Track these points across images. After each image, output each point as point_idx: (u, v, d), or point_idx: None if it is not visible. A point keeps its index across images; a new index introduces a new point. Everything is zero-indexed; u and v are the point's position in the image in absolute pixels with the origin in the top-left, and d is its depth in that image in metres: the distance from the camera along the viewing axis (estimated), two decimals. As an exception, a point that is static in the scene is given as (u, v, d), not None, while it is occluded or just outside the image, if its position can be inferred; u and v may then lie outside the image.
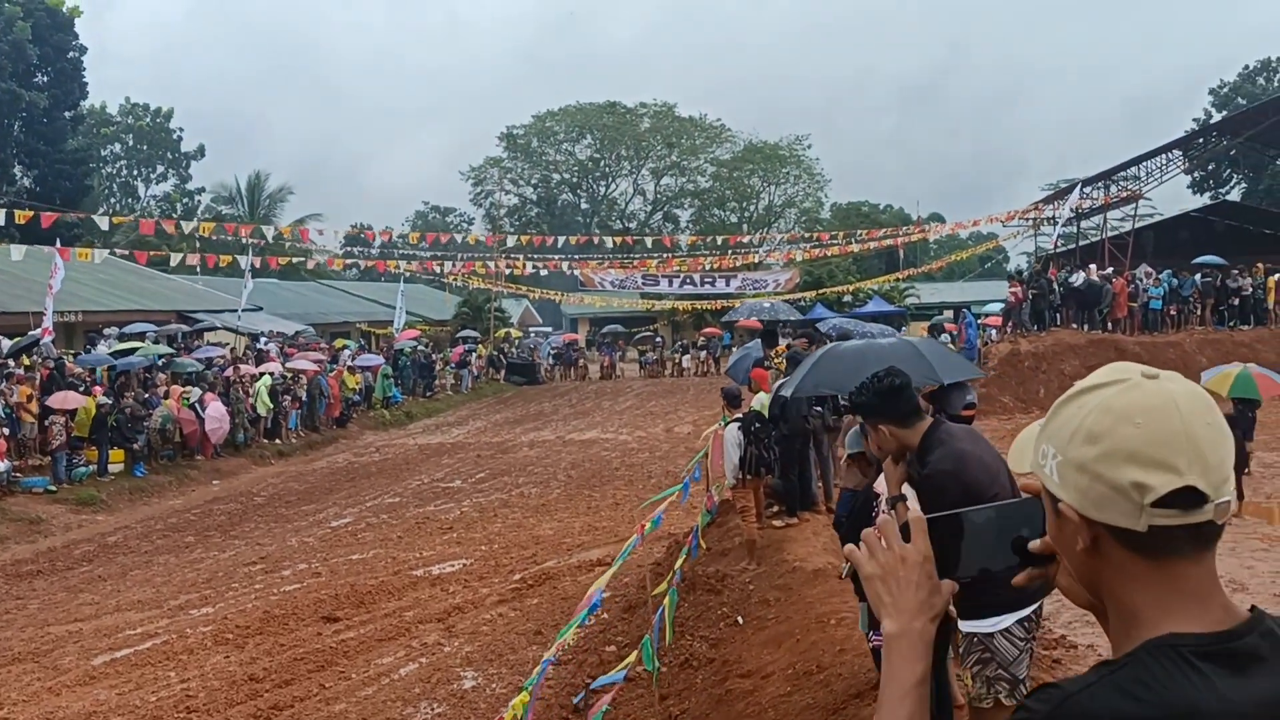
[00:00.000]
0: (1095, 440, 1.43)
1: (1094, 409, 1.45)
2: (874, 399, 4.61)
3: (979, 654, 4.56)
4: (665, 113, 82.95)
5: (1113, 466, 1.41)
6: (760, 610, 9.45)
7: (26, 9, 54.94)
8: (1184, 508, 1.38)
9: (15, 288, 31.45)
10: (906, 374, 4.79)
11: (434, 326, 53.96)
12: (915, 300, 60.11)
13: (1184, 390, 1.45)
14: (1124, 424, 1.41)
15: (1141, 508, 1.39)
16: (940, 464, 4.37)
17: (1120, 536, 1.42)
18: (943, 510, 1.68)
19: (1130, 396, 1.44)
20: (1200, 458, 1.39)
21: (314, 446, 29.07)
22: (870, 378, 4.75)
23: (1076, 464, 1.44)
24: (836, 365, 8.86)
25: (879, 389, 4.63)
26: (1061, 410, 1.51)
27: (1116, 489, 1.40)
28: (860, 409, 4.64)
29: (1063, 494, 1.47)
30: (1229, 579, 10.55)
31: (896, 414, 4.58)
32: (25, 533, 18.26)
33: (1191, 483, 1.37)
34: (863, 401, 4.65)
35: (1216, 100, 72.99)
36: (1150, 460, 1.39)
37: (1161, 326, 30.86)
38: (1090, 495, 1.43)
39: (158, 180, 79.34)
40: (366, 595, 12.97)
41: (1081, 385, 1.51)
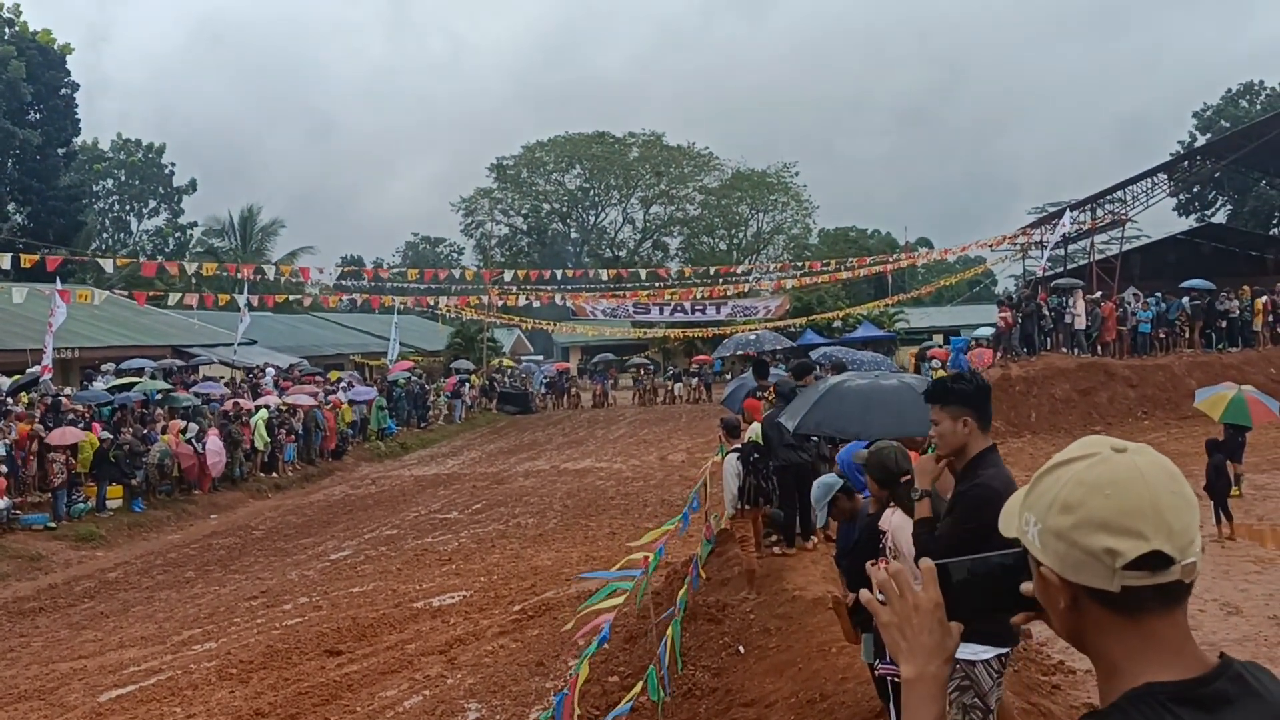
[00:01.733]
0: (1070, 510, 1.59)
1: (1068, 481, 1.61)
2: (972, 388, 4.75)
3: (959, 680, 4.68)
4: (654, 142, 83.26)
5: (1086, 534, 1.56)
6: (761, 639, 9.56)
7: (18, 46, 55.20)
8: (1152, 569, 1.53)
9: (13, 325, 31.54)
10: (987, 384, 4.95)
11: (427, 357, 54.07)
12: (904, 325, 60.35)
13: (1150, 462, 1.61)
14: (1095, 495, 1.57)
15: (1114, 571, 1.54)
16: (993, 481, 4.49)
17: (1096, 596, 1.58)
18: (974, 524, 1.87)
19: (1100, 470, 1.60)
20: (1165, 525, 1.54)
21: (310, 479, 29.13)
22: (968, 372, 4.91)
23: (1054, 532, 1.60)
24: (839, 406, 8.97)
25: (977, 383, 4.80)
26: (1040, 482, 1.67)
27: (1091, 554, 1.56)
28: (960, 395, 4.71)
29: (1044, 559, 1.63)
30: (1223, 601, 10.71)
31: (984, 414, 4.73)
32: (26, 570, 18.31)
33: (1158, 547, 1.53)
34: (961, 389, 4.76)
35: (1200, 123, 73.51)
36: (1120, 528, 1.54)
37: (1150, 349, 31.07)
38: (1068, 560, 1.59)
39: (150, 215, 79.47)
40: (368, 628, 13.02)
41: (1058, 459, 1.67)
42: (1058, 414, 27.58)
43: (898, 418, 8.31)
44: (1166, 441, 24.36)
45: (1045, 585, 1.65)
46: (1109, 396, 28.13)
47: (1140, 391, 28.26)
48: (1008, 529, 1.74)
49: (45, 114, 57.38)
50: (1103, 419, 27.35)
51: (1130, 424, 27.04)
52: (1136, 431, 26.23)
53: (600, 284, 54.15)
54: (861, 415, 8.68)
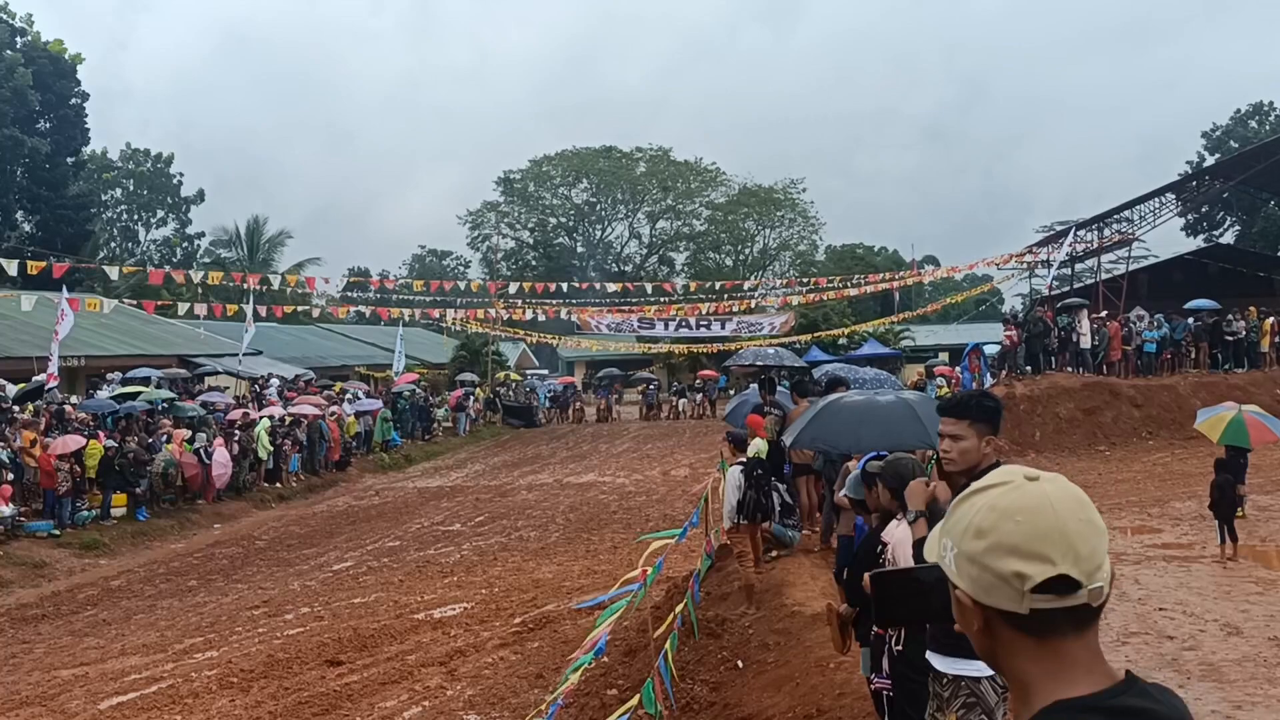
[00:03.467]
0: (983, 535, 1.64)
1: (981, 508, 1.67)
2: (980, 402, 4.77)
3: (965, 698, 4.65)
4: (661, 157, 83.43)
5: (997, 558, 1.62)
6: (760, 654, 9.58)
7: (28, 56, 55.55)
8: (1059, 593, 1.59)
9: (21, 333, 31.68)
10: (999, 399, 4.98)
11: (432, 370, 54.15)
12: (910, 342, 60.36)
13: (1060, 491, 1.66)
14: (1006, 521, 1.63)
15: (1023, 594, 1.60)
16: None
17: (1008, 618, 1.63)
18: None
19: (1011, 497, 1.65)
20: (1072, 550, 1.59)
21: (314, 490, 29.19)
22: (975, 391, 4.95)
23: (968, 556, 1.66)
24: (833, 421, 9.05)
25: (987, 399, 4.83)
26: (957, 509, 1.72)
27: (1001, 577, 1.61)
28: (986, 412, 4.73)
29: (959, 582, 1.69)
30: (1224, 622, 10.69)
31: (991, 424, 4.71)
32: (30, 577, 18.35)
33: (1064, 572, 1.58)
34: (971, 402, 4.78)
35: (1209, 144, 73.58)
36: (1028, 553, 1.60)
37: (1156, 369, 31.03)
38: (980, 583, 1.64)
39: (158, 224, 79.69)
40: (369, 639, 13.05)
41: (974, 486, 1.72)
42: (1062, 433, 27.54)
43: (889, 432, 8.36)
44: (1171, 462, 24.37)
45: (961, 608, 1.71)
46: (1114, 416, 28.09)
47: (1145, 411, 28.21)
48: (930, 554, 1.81)
49: (55, 123, 57.71)
50: (1107, 439, 27.33)
51: (1135, 444, 27.02)
52: (1141, 451, 26.24)
53: (606, 298, 54.25)
54: (855, 430, 8.75)
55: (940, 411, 4.95)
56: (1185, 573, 13.34)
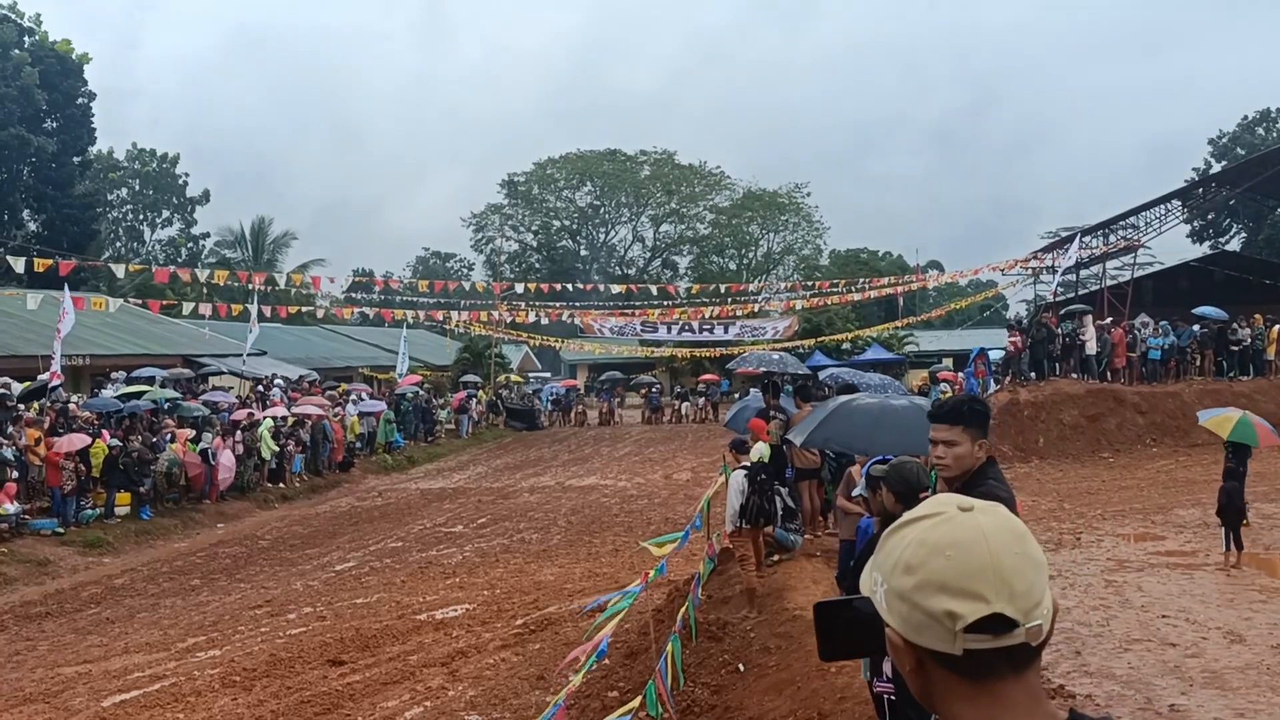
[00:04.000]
0: (912, 571, 1.53)
1: (911, 542, 1.56)
2: (970, 408, 4.86)
3: None
4: (665, 160, 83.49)
5: (927, 596, 1.51)
6: (761, 658, 9.58)
7: (35, 55, 55.63)
8: (994, 632, 1.48)
9: (26, 331, 31.74)
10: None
11: (435, 372, 54.17)
12: (914, 348, 60.34)
13: (994, 523, 1.55)
14: (936, 556, 1.52)
15: (955, 633, 1.49)
16: (997, 490, 4.56)
17: (940, 659, 1.53)
18: None
19: (942, 530, 1.55)
20: (1007, 586, 1.49)
21: (317, 490, 29.22)
22: (963, 395, 5.00)
23: (897, 593, 1.55)
24: (847, 422, 9.05)
25: (974, 403, 4.93)
26: (887, 541, 1.62)
27: (932, 616, 1.50)
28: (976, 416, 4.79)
29: (889, 619, 1.58)
30: (1227, 629, 10.69)
31: (981, 429, 4.79)
32: (34, 574, 18.40)
33: (999, 610, 1.48)
34: (960, 408, 4.85)
35: (1216, 150, 73.58)
36: (959, 590, 1.49)
37: (1161, 377, 31.01)
38: (910, 621, 1.53)
39: (163, 225, 79.91)
40: (371, 639, 13.06)
41: (904, 518, 1.62)
42: (1066, 440, 27.55)
43: (905, 436, 8.37)
44: (1175, 469, 24.38)
45: (893, 647, 1.60)
46: (1118, 423, 28.09)
47: (1149, 419, 28.22)
48: (863, 587, 1.68)
49: (61, 122, 57.76)
50: (1111, 445, 27.33)
51: (1139, 451, 27.03)
52: (1145, 458, 26.25)
53: (609, 301, 54.28)
54: (870, 432, 8.76)
55: (932, 418, 4.97)
56: (1188, 580, 13.34)
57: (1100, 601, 12.19)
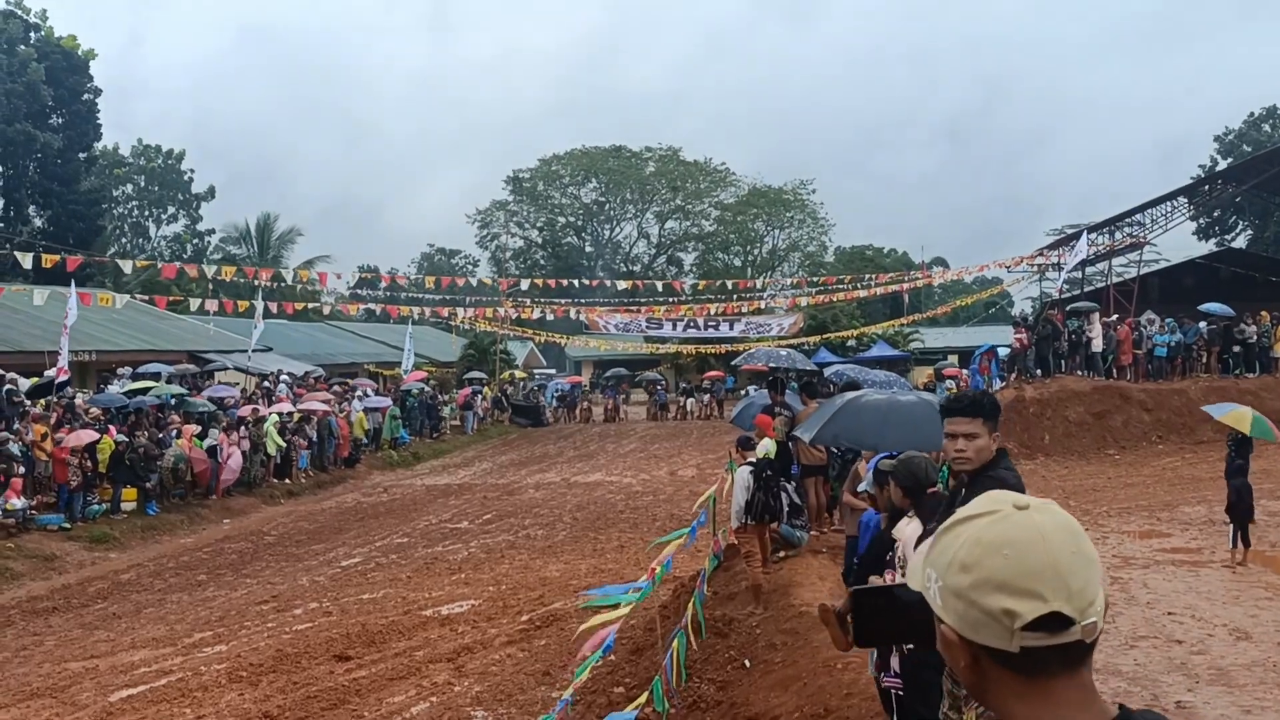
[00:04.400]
0: (968, 570, 1.55)
1: (967, 540, 1.58)
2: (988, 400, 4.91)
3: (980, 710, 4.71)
4: (670, 157, 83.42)
5: (984, 594, 1.53)
6: (767, 654, 9.59)
7: (41, 51, 55.70)
8: (1051, 630, 1.50)
9: (32, 326, 31.79)
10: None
11: (440, 368, 54.20)
12: (920, 345, 60.27)
13: (1052, 521, 1.57)
14: (993, 555, 1.54)
15: (1012, 631, 1.51)
16: (1007, 477, 4.59)
17: (996, 656, 1.55)
18: None
19: (999, 528, 1.56)
20: (1064, 585, 1.51)
21: (323, 486, 29.27)
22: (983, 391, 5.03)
23: (954, 590, 1.57)
24: (857, 419, 9.06)
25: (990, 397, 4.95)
26: (941, 539, 1.63)
27: (989, 614, 1.52)
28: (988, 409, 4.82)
29: (944, 616, 1.59)
30: (1233, 626, 10.69)
31: (999, 421, 4.84)
32: (40, 570, 18.45)
33: (1056, 609, 1.49)
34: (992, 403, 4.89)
35: (1222, 147, 73.42)
36: (1018, 589, 1.51)
37: (1167, 374, 30.95)
38: (967, 619, 1.55)
39: (168, 221, 80.00)
40: (377, 634, 13.08)
41: (959, 515, 1.63)
42: (1071, 437, 27.52)
43: (913, 432, 8.38)
44: (1181, 466, 24.36)
45: (947, 643, 1.62)
46: (1123, 420, 28.06)
47: (1155, 416, 28.18)
48: (914, 583, 1.71)
49: (67, 118, 57.81)
50: (1117, 443, 27.30)
51: (1144, 448, 27.00)
52: (1151, 455, 26.22)
53: (614, 297, 54.27)
54: (879, 428, 8.77)
55: (950, 412, 4.97)
56: (1194, 577, 13.34)
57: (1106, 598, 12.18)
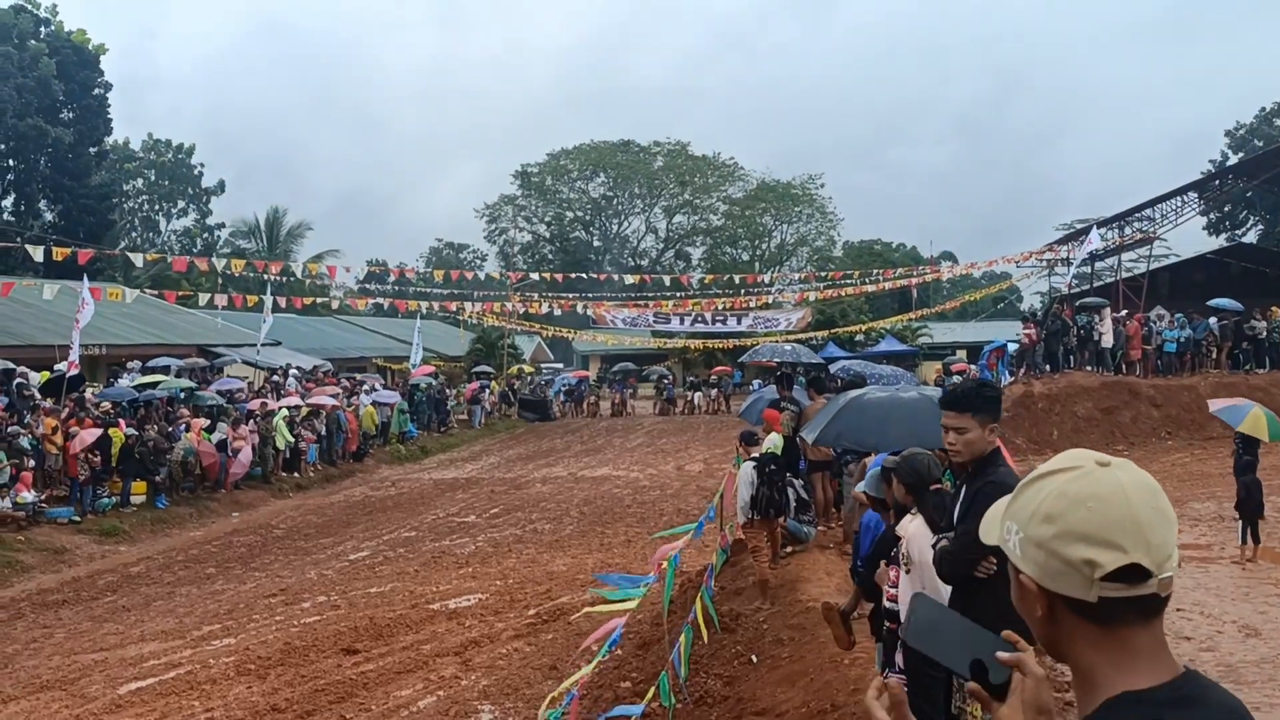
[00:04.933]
0: (1052, 521, 1.63)
1: (1051, 493, 1.65)
2: (978, 392, 4.88)
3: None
4: (678, 151, 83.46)
5: (1067, 545, 1.60)
6: (774, 649, 9.59)
7: (52, 46, 55.84)
8: (1130, 582, 1.58)
9: (43, 320, 31.90)
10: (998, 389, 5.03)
11: (448, 362, 54.26)
12: (928, 339, 60.18)
13: (1132, 479, 1.65)
14: (1077, 508, 1.62)
15: (1092, 581, 1.59)
16: (1007, 477, 4.58)
17: (1074, 606, 1.62)
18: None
19: (1083, 483, 1.64)
20: (1144, 539, 1.59)
21: (331, 480, 29.33)
22: (973, 381, 4.99)
23: (1035, 541, 1.64)
24: (859, 418, 9.05)
25: (983, 389, 4.93)
26: (1024, 491, 1.70)
27: (1070, 564, 1.60)
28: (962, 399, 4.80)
29: (1024, 566, 1.67)
30: (1243, 623, 10.67)
31: (990, 414, 4.82)
32: (50, 563, 18.52)
33: (1136, 560, 1.57)
34: (968, 392, 4.88)
35: (1233, 142, 73.13)
36: (1100, 540, 1.59)
37: (1177, 370, 30.86)
38: (1047, 569, 1.63)
39: (178, 215, 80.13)
40: (385, 628, 13.11)
41: (1042, 469, 1.71)
42: (1080, 432, 27.43)
43: (916, 429, 8.35)
44: (1190, 462, 24.27)
45: (1024, 593, 1.69)
46: (1132, 416, 27.98)
47: (1164, 411, 28.09)
48: (989, 536, 1.78)
49: (78, 113, 58.01)
50: (1125, 438, 27.21)
51: (1154, 444, 26.92)
52: (1160, 451, 26.13)
53: (622, 292, 54.27)
54: (880, 427, 8.75)
55: (942, 405, 5.00)
56: (1204, 574, 13.31)
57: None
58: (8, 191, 57.19)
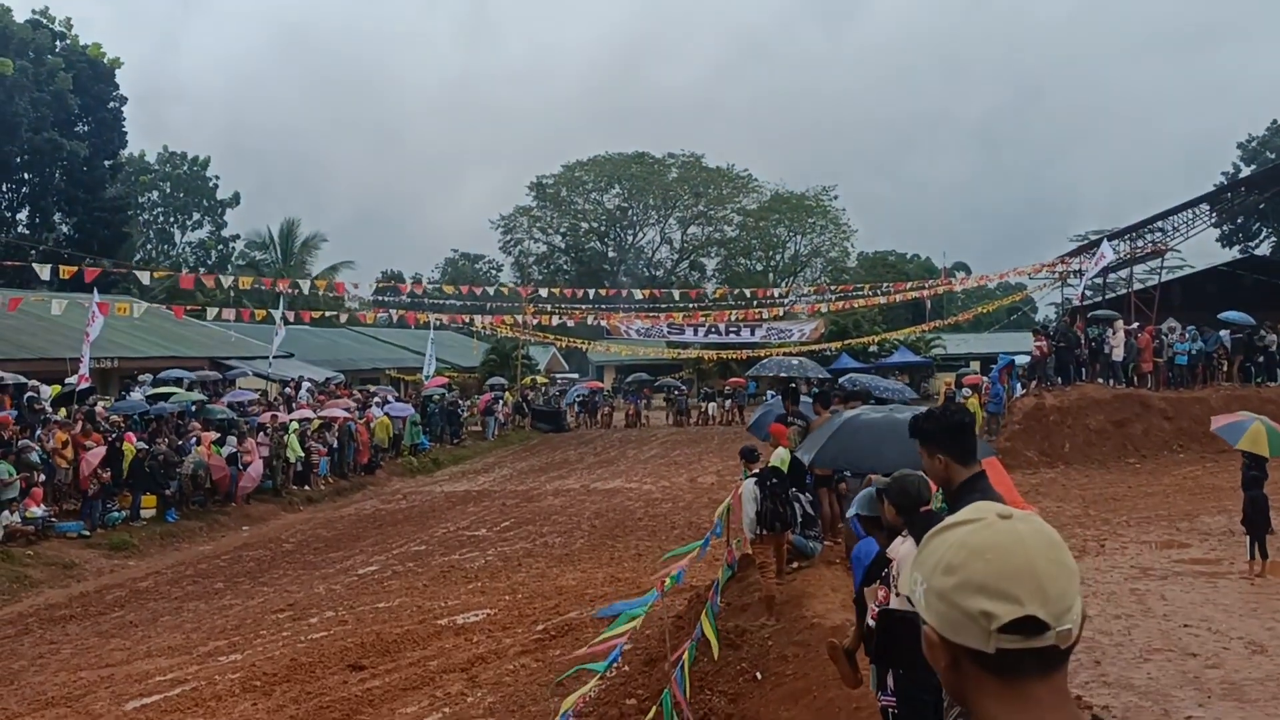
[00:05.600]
0: (952, 572, 1.63)
1: (953, 544, 1.66)
2: (940, 427, 4.76)
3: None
4: (693, 163, 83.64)
5: (965, 596, 1.61)
6: (778, 666, 9.56)
7: (68, 60, 56.24)
8: (1026, 634, 1.58)
9: (53, 334, 32.06)
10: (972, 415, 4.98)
11: (462, 373, 54.33)
12: (941, 351, 60.09)
13: (1032, 530, 1.64)
14: (976, 559, 1.61)
15: (989, 633, 1.59)
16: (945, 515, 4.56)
17: (974, 657, 1.62)
18: None
19: (984, 534, 1.64)
20: (1041, 590, 1.58)
21: (343, 493, 29.38)
22: (940, 409, 4.97)
23: (937, 592, 1.65)
24: (853, 440, 9.04)
25: (947, 421, 4.79)
26: (929, 544, 1.71)
27: (968, 615, 1.60)
28: (926, 435, 4.76)
29: (927, 617, 1.68)
30: (1249, 640, 10.60)
31: (957, 449, 4.71)
32: (59, 577, 18.57)
33: (1032, 612, 1.57)
34: (930, 428, 4.79)
35: (1245, 154, 72.91)
36: (996, 591, 1.58)
37: (1188, 382, 30.72)
38: (948, 620, 1.63)
39: (193, 227, 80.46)
40: (392, 644, 13.10)
41: (947, 522, 1.72)
42: (1092, 445, 27.37)
43: (910, 450, 8.32)
44: (1202, 475, 24.15)
45: (929, 644, 1.70)
46: (1144, 429, 27.88)
47: (1176, 424, 27.98)
48: (904, 586, 1.80)
49: (93, 126, 58.40)
50: (1137, 451, 27.13)
51: (1165, 457, 26.81)
52: (1171, 464, 26.02)
53: (636, 303, 54.34)
54: (876, 448, 8.73)
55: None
56: (1212, 589, 13.24)
57: (1122, 610, 12.11)
58: (23, 204, 57.57)
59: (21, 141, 53.56)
